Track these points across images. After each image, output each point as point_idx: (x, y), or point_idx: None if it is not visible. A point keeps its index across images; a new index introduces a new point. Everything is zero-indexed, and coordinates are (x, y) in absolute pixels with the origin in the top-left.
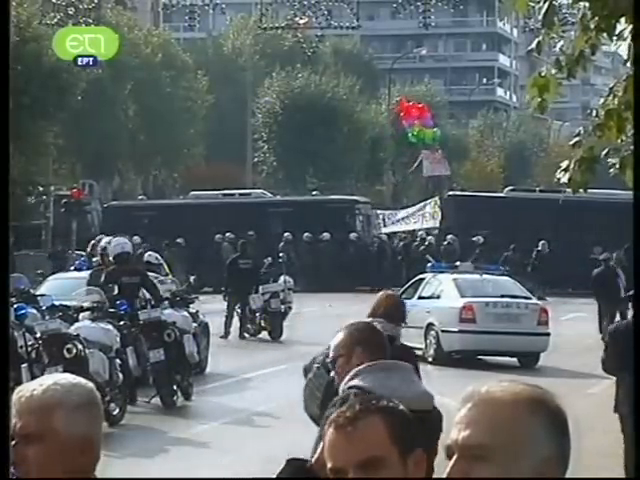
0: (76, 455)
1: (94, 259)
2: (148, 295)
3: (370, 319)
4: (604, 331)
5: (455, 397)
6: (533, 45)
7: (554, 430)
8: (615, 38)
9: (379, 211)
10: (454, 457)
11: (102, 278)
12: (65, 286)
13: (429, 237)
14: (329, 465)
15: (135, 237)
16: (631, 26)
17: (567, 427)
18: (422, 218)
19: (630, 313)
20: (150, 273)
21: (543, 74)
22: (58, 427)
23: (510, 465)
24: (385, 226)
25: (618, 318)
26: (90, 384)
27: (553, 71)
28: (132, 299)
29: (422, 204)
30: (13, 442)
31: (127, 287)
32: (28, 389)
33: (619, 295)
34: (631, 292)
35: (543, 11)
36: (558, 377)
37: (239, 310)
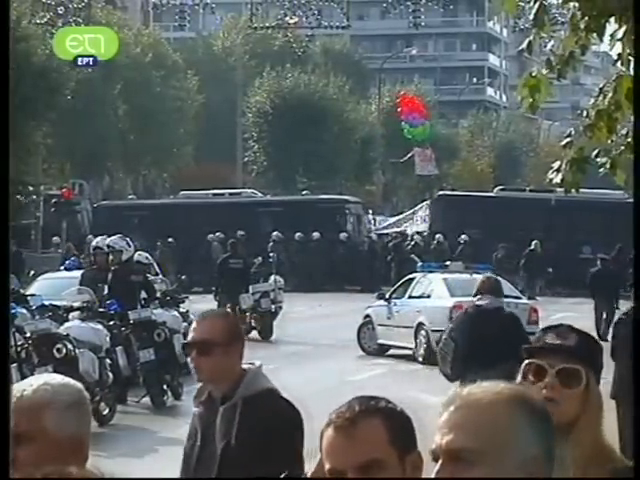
0: (66, 455)
1: (81, 257)
2: (144, 294)
3: (478, 296)
4: (601, 329)
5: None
6: (524, 45)
7: (538, 427)
8: (609, 38)
9: (371, 216)
10: (439, 462)
11: (110, 277)
12: (55, 286)
13: (416, 236)
14: (327, 466)
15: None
16: (625, 26)
17: (551, 423)
18: (413, 222)
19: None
20: None
21: (534, 74)
22: (48, 427)
23: (496, 466)
24: (378, 230)
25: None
26: (79, 384)
27: (544, 71)
28: (136, 298)
29: (413, 209)
30: None
31: (133, 286)
32: (18, 389)
33: (616, 294)
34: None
35: (534, 11)
36: None
37: (230, 310)
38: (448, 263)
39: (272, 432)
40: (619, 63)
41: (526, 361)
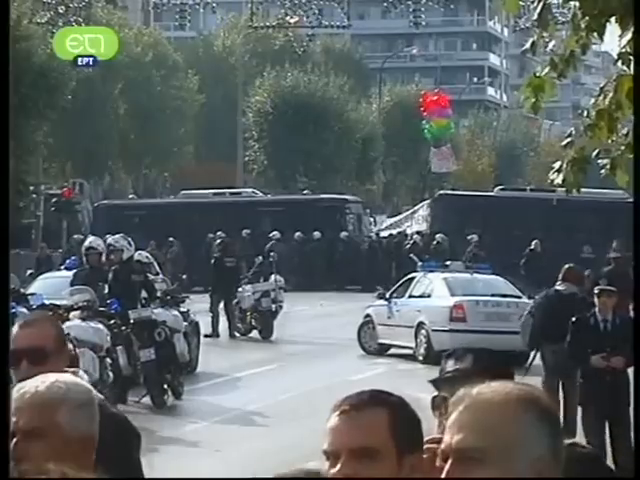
0: (76, 454)
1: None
2: (144, 294)
3: (559, 282)
4: None
5: None
6: (527, 45)
7: (546, 427)
8: (618, 39)
9: (371, 218)
10: (449, 461)
11: (110, 276)
12: (55, 285)
13: (416, 236)
14: (324, 447)
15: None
16: (628, 27)
17: (559, 423)
18: (414, 221)
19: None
20: None
21: (539, 74)
22: (61, 423)
23: (506, 466)
24: (379, 230)
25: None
26: (88, 385)
27: (546, 70)
28: (136, 297)
29: (415, 207)
30: (14, 439)
31: (134, 285)
32: (31, 385)
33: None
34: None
35: (538, 11)
36: None
37: (223, 308)
38: (448, 263)
39: (114, 445)
40: (620, 62)
41: (433, 394)
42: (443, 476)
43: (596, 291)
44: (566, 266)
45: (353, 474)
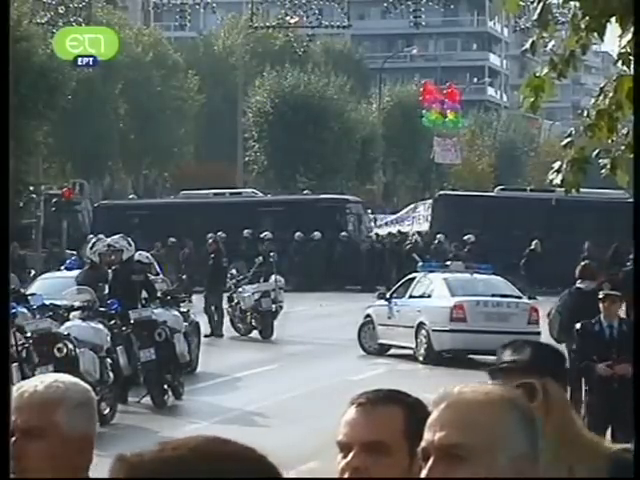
0: (74, 454)
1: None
2: (144, 294)
3: (580, 280)
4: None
5: None
6: (527, 45)
7: (527, 428)
8: (618, 40)
9: (371, 215)
10: (431, 459)
11: (110, 276)
12: (56, 285)
13: (414, 236)
14: (337, 439)
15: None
16: (628, 27)
17: (537, 425)
18: (414, 220)
19: None
20: None
21: (538, 74)
22: (60, 423)
23: (489, 463)
24: (378, 227)
25: None
26: (86, 385)
27: (545, 70)
28: (137, 297)
29: (414, 205)
30: (12, 438)
31: (134, 285)
32: (30, 385)
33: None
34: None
35: (538, 11)
36: None
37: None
38: (449, 263)
39: None
40: (620, 63)
41: (489, 382)
42: (424, 474)
43: (600, 296)
44: (582, 264)
45: (362, 467)
